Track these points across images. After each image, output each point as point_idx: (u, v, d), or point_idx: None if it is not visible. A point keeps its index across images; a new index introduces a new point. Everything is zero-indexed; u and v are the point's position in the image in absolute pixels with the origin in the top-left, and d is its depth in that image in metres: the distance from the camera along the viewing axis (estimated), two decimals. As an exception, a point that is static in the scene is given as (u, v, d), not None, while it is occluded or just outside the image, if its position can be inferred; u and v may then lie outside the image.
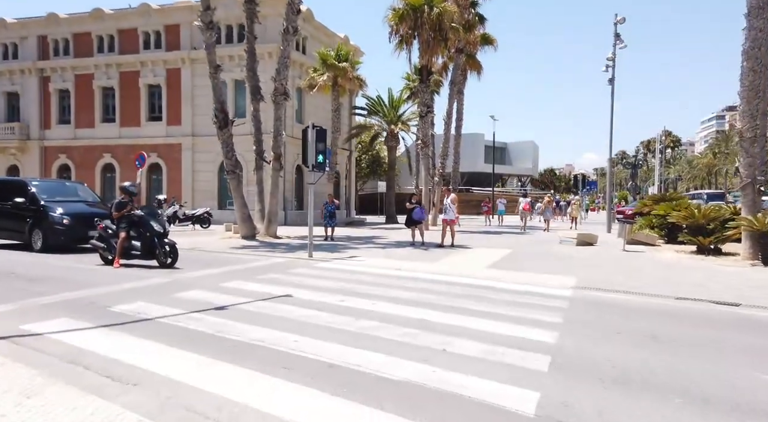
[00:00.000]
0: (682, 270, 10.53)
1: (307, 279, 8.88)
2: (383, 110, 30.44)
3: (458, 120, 30.45)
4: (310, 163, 12.22)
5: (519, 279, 9.18)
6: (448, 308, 6.52)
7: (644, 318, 6.14)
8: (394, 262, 11.46)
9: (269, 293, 7.35)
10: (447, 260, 12.05)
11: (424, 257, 12.65)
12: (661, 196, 19.87)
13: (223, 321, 5.54)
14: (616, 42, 21.04)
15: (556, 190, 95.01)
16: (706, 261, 12.16)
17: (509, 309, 6.47)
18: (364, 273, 9.71)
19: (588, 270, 10.34)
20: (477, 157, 60.31)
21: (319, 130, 12.20)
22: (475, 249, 14.88)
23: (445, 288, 8.14)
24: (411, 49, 22.67)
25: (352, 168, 34.84)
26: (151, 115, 29.19)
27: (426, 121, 22.71)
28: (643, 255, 13.44)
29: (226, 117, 16.99)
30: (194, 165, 27.83)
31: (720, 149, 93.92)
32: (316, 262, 11.48)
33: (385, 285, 8.34)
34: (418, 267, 10.60)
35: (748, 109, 12.07)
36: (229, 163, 17.18)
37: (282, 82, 17.27)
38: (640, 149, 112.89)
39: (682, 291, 7.95)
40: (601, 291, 8.02)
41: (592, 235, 16.34)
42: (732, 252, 13.67)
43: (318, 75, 24.82)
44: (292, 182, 27.54)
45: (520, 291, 7.89)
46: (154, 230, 9.72)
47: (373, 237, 18.71)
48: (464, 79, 30.17)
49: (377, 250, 14.26)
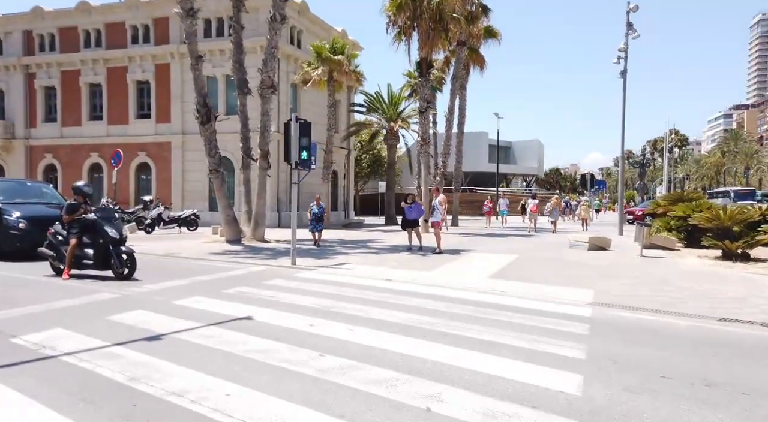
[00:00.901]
0: (714, 281, 9.21)
1: (280, 293, 7.62)
2: (382, 107, 29.16)
3: (461, 117, 29.18)
4: (293, 160, 10.98)
5: (527, 292, 7.90)
6: (442, 336, 5.24)
7: (687, 351, 4.85)
8: (386, 271, 10.19)
9: (227, 315, 6.09)
10: (445, 268, 10.78)
11: (420, 264, 11.38)
12: (678, 195, 18.50)
13: (146, 360, 4.28)
14: (628, 31, 19.69)
15: (562, 190, 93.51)
16: (735, 269, 10.83)
17: (517, 338, 5.19)
18: (348, 286, 8.45)
19: (606, 281, 9.04)
20: (481, 157, 58.92)
21: (302, 123, 10.95)
22: (477, 254, 13.59)
23: (441, 305, 6.87)
24: (410, 41, 21.38)
25: (351, 167, 33.58)
26: (140, 113, 28.01)
27: (426, 117, 21.43)
28: (663, 262, 12.12)
29: (209, 112, 15.77)
30: (184, 164, 26.62)
31: (729, 148, 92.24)
32: (297, 271, 10.22)
33: (370, 302, 7.08)
34: (411, 278, 9.32)
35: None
36: (212, 162, 15.96)
37: (269, 74, 16.03)
38: (647, 148, 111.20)
39: (722, 310, 6.66)
40: (627, 310, 6.72)
41: (605, 239, 15.01)
42: (762, 258, 12.34)
43: (312, 69, 23.55)
44: (287, 182, 26.26)
45: (529, 310, 6.60)
46: (109, 236, 8.48)
47: (369, 241, 17.45)
48: (467, 73, 28.88)
49: (370, 256, 13.00)
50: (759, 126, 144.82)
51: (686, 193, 18.56)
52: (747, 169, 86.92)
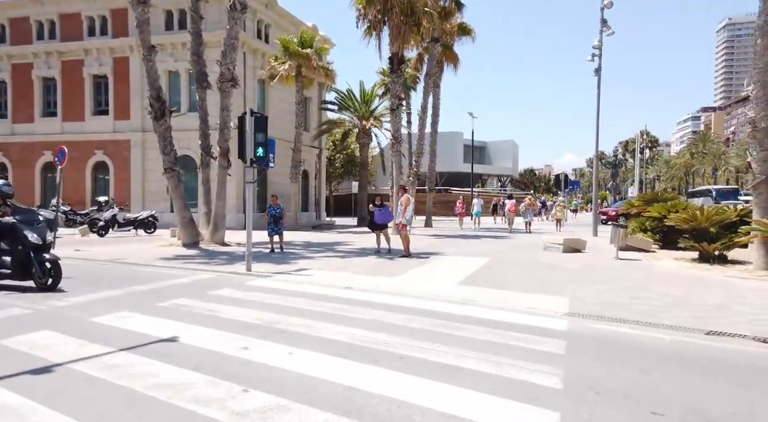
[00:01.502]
0: (694, 286, 8.70)
1: (222, 306, 6.76)
2: (354, 105, 28.33)
3: (434, 115, 28.57)
4: (247, 157, 10.10)
5: (498, 301, 7.21)
6: (398, 360, 4.48)
7: (677, 375, 4.19)
8: (348, 277, 9.39)
9: (149, 335, 5.21)
10: (412, 273, 10.04)
11: (386, 269, 10.62)
12: (652, 195, 18.19)
13: (14, 403, 3.41)
14: (602, 29, 19.32)
15: (536, 190, 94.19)
16: (714, 272, 10.39)
17: (485, 360, 4.47)
18: (303, 296, 7.63)
19: (582, 287, 8.43)
20: (456, 157, 58.63)
21: (258, 117, 10.08)
22: (448, 257, 12.91)
23: (402, 319, 6.12)
24: (381, 36, 20.66)
25: (322, 167, 32.66)
26: (97, 109, 26.52)
27: (397, 115, 20.70)
28: (640, 265, 11.63)
29: (164, 106, 14.72)
30: (145, 163, 25.29)
31: (697, 149, 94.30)
32: (251, 278, 9.35)
33: (322, 315, 6.28)
34: (374, 285, 8.56)
35: (763, 94, 10.33)
36: (167, 160, 14.90)
37: (229, 66, 15.08)
38: (619, 149, 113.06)
39: (707, 320, 6.08)
40: (605, 321, 6.08)
41: (580, 241, 14.52)
42: (739, 260, 11.97)
43: (279, 64, 22.54)
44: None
45: (499, 323, 5.90)
46: (30, 242, 7.48)
47: (336, 244, 16.62)
48: (440, 71, 28.29)
49: (334, 260, 12.19)
50: (726, 128, 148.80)
51: (661, 193, 18.27)
52: (715, 169, 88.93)
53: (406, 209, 12.73)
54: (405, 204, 12.70)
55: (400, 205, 12.78)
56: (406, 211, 12.77)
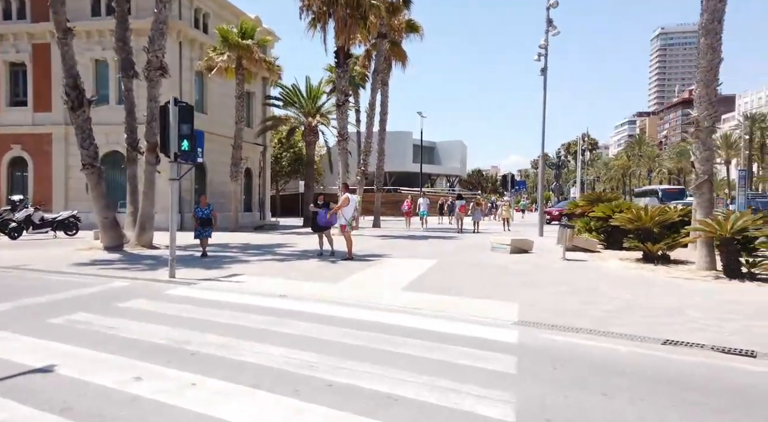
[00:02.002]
0: (643, 288, 8.46)
1: (127, 322, 5.80)
2: (300, 101, 27.27)
3: (383, 113, 28.03)
4: (171, 151, 9.09)
5: (444, 308, 6.62)
6: (323, 391, 3.76)
7: (639, 396, 3.69)
8: (284, 284, 8.57)
9: (19, 364, 4.24)
10: (355, 278, 9.33)
11: (327, 274, 9.86)
12: (596, 195, 18.34)
13: None
14: (548, 28, 19.33)
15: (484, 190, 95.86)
16: (659, 273, 10.29)
17: (426, 387, 3.82)
18: (228, 307, 6.76)
19: (531, 291, 8.00)
20: (405, 156, 58.46)
21: (183, 106, 9.07)
22: (394, 259, 12.29)
23: (337, 333, 5.40)
24: (326, 29, 19.84)
25: (267, 165, 31.37)
26: (14, 99, 24.17)
27: (343, 111, 19.94)
28: (587, 266, 11.43)
29: (82, 95, 13.28)
30: (68, 159, 23.23)
31: (633, 152, 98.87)
32: (172, 287, 8.35)
33: (245, 331, 5.47)
34: (311, 292, 7.79)
35: (705, 93, 10.31)
36: (86, 154, 13.47)
37: (157, 54, 13.83)
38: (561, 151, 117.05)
39: (661, 327, 5.72)
40: (558, 331, 5.60)
41: (527, 241, 14.28)
42: (681, 259, 12.02)
43: (217, 54, 21.21)
44: (189, 180, 23.76)
45: (444, 336, 5.29)
46: None
47: (277, 246, 15.67)
48: (388, 68, 27.78)
49: (272, 264, 11.30)
50: (659, 132, 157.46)
51: (604, 194, 18.43)
52: (650, 171, 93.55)
53: (341, 208, 11.99)
54: (343, 203, 11.97)
55: (343, 205, 12.05)
56: (346, 210, 12.04)
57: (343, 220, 12.15)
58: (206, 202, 11.76)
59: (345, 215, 12.14)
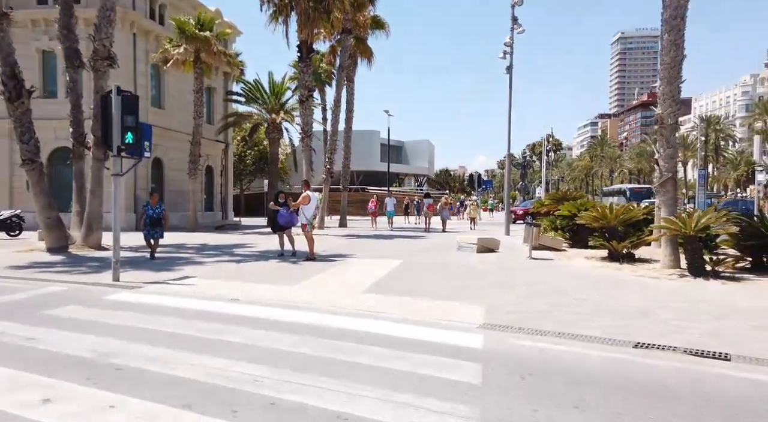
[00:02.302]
0: (608, 287, 8.29)
1: (52, 332, 5.18)
2: (263, 97, 26.49)
3: (348, 111, 27.53)
4: (114, 144, 8.40)
5: (408, 312, 6.23)
6: (266, 409, 3.30)
7: (617, 409, 3.37)
8: (238, 286, 8.02)
9: None
10: (315, 279, 8.85)
11: (287, 275, 9.35)
12: (561, 194, 18.37)
13: None
14: (513, 26, 19.25)
15: (452, 190, 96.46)
16: (624, 272, 10.18)
17: (383, 401, 3.41)
18: (174, 313, 6.19)
19: (497, 292, 7.69)
20: (373, 155, 58.13)
21: (126, 96, 8.39)
22: (357, 260, 11.85)
23: (289, 341, 4.93)
24: (288, 22, 19.24)
25: (229, 163, 30.42)
26: (-47, 91, 22.58)
27: (307, 106, 19.36)
28: (553, 265, 11.26)
29: (20, 85, 12.32)
30: (13, 156, 21.75)
31: (596, 153, 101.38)
32: (114, 291, 7.68)
33: (188, 340, 4.94)
34: (266, 296, 7.28)
35: (669, 90, 10.26)
36: (25, 149, 12.50)
37: (104, 42, 12.98)
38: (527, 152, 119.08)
39: (632, 330, 5.47)
40: (525, 334, 5.28)
41: (494, 240, 14.08)
42: (646, 258, 12.00)
43: (173, 46, 20.27)
44: (146, 178, 22.73)
45: (406, 342, 4.90)
46: None
47: (237, 246, 15.00)
48: (354, 65, 27.31)
49: (229, 266, 10.70)
50: (620, 133, 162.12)
51: (569, 193, 18.48)
52: (611, 171, 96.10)
53: (300, 205, 11.48)
54: (303, 201, 11.45)
55: (302, 203, 11.53)
56: (307, 209, 11.53)
57: (304, 219, 11.64)
58: (158, 200, 10.93)
59: (306, 214, 11.63)
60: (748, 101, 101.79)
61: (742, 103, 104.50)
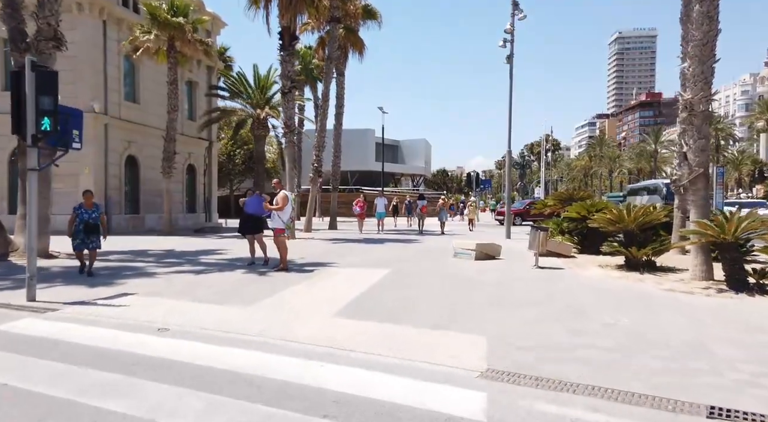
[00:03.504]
0: (639, 307, 6.73)
1: None
2: (247, 91, 24.89)
3: (339, 106, 25.95)
4: (28, 132, 6.82)
5: (385, 349, 4.67)
6: None
7: None
8: (180, 308, 6.44)
9: None
10: (279, 298, 7.28)
11: (248, 291, 7.77)
12: (568, 194, 16.82)
13: None
14: (514, 11, 17.73)
15: (449, 190, 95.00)
16: (648, 284, 8.64)
17: None
18: (67, 353, 4.61)
19: (502, 315, 6.13)
20: (368, 155, 56.50)
21: (41, 72, 6.80)
22: (338, 269, 10.27)
23: (198, 406, 3.35)
24: (269, 7, 17.63)
25: (213, 162, 28.76)
26: None
27: (290, 99, 17.76)
28: (564, 275, 9.70)
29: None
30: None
31: (595, 152, 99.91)
32: (17, 316, 6.09)
33: (49, 404, 3.34)
34: (209, 322, 5.70)
35: (701, 70, 8.70)
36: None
37: (49, 20, 11.39)
38: (525, 152, 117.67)
39: (690, 378, 3.93)
40: (544, 392, 3.72)
41: (494, 246, 12.51)
42: (668, 266, 10.47)
43: (143, 33, 18.61)
44: (119, 177, 21.11)
45: (374, 409, 3.32)
46: None
47: (206, 253, 13.40)
48: (345, 57, 25.74)
49: (184, 278, 9.10)
50: (618, 133, 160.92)
51: (576, 192, 16.92)
52: (611, 171, 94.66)
53: (283, 208, 9.89)
54: (281, 202, 9.86)
55: (276, 203, 9.94)
56: (284, 211, 9.95)
57: (279, 223, 10.01)
58: (93, 201, 9.06)
59: (282, 217, 10.03)
60: (747, 100, 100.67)
61: (741, 102, 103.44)
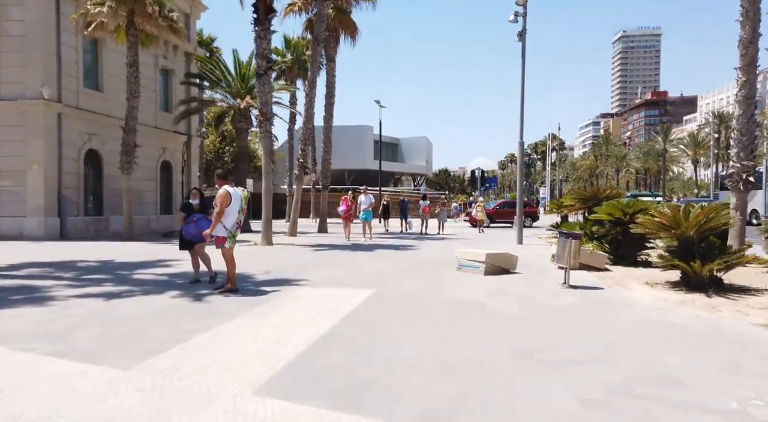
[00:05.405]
0: (747, 366, 4.20)
1: None
2: (226, 79, 22.43)
3: (329, 96, 23.54)
4: None
5: None
6: None
7: None
8: (21, 375, 3.93)
9: None
10: (189, 347, 4.77)
11: (153, 332, 5.27)
12: (592, 192, 14.26)
13: None
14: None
15: (451, 190, 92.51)
16: (726, 315, 6.13)
17: None
18: None
19: (539, 394, 3.59)
20: (366, 153, 53.91)
21: None
22: (306, 290, 7.77)
23: None
24: (242, -24, 15.12)
25: (193, 159, 26.28)
26: None
27: (265, 82, 15.23)
28: (608, 301, 7.18)
29: None
30: None
31: (600, 151, 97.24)
32: None
33: None
34: (30, 410, 3.16)
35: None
36: None
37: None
38: (529, 151, 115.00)
39: None
40: None
41: (508, 257, 9.96)
42: (737, 284, 7.96)
43: (94, 4, 16.06)
44: (77, 174, 18.65)
45: None
46: None
47: (147, 265, 10.86)
48: (335, 41, 23.33)
49: (90, 305, 6.61)
50: (622, 133, 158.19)
51: (602, 190, 14.36)
52: (617, 171, 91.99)
53: (222, 211, 7.37)
54: (220, 202, 7.34)
55: (215, 206, 7.43)
56: (227, 216, 7.43)
57: (221, 231, 7.49)
58: None
59: (224, 222, 7.49)
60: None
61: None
